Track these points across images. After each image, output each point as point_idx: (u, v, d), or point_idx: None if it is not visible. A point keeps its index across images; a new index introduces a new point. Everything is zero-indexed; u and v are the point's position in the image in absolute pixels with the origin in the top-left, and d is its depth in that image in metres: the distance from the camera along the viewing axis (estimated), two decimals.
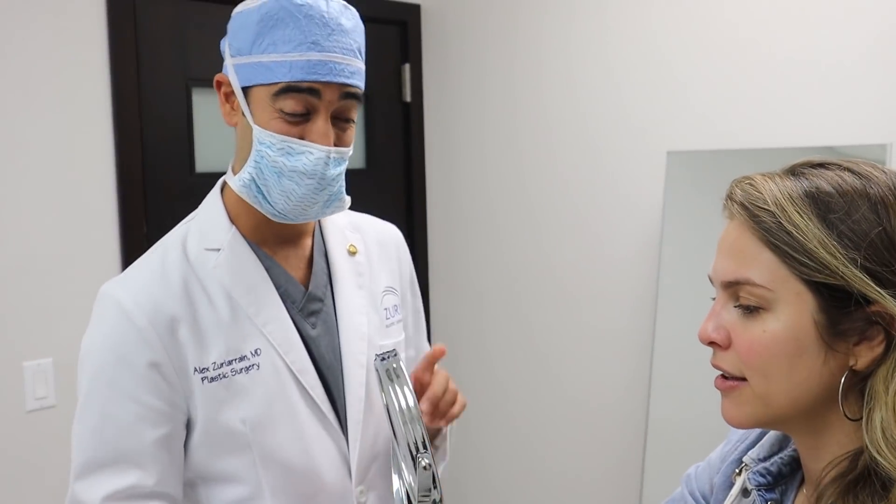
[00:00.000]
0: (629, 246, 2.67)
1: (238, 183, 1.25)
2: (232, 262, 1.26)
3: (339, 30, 1.20)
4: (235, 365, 1.24)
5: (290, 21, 1.17)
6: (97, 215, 2.39)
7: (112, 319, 1.22)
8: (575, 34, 2.76)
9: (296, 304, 1.31)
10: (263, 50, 1.18)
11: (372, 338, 1.36)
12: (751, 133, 2.36)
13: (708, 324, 0.86)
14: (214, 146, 2.67)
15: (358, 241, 1.43)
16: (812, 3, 2.23)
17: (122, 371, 1.20)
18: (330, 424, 1.30)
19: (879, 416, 0.76)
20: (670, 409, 2.48)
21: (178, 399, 1.22)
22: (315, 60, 1.17)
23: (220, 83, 1.29)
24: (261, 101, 1.20)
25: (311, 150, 1.19)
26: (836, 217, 0.78)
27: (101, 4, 2.37)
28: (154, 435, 1.20)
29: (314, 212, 1.26)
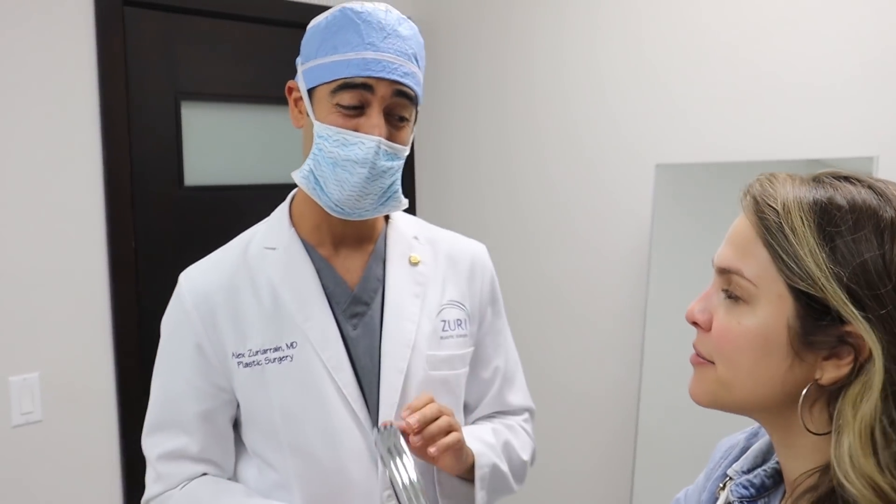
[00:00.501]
0: (618, 257, 2.68)
1: (299, 175, 1.34)
2: (284, 260, 1.36)
3: (395, 34, 1.30)
4: (269, 354, 1.33)
5: (350, 27, 1.27)
6: (85, 229, 2.38)
7: (174, 302, 1.38)
8: (565, 47, 2.78)
9: (340, 305, 1.37)
10: (326, 53, 1.28)
11: (419, 345, 1.39)
12: (739, 146, 2.37)
13: (696, 304, 0.88)
14: (203, 160, 2.66)
15: (425, 252, 1.47)
16: (800, 18, 2.24)
17: (175, 348, 1.36)
18: (361, 424, 1.33)
19: (847, 441, 0.76)
20: (660, 419, 2.48)
21: (220, 380, 1.34)
22: (370, 59, 1.26)
23: (291, 89, 1.38)
24: (322, 99, 1.30)
25: (362, 141, 1.27)
26: (836, 231, 0.77)
27: (89, 17, 2.37)
28: (197, 408, 1.34)
29: (368, 204, 1.31)
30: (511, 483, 1.49)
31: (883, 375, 0.75)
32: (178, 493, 1.36)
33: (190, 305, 1.34)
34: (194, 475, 1.37)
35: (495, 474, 1.42)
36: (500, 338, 1.58)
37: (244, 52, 2.74)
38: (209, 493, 1.35)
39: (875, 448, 0.75)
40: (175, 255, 2.58)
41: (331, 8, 1.31)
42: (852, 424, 0.76)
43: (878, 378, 0.75)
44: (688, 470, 2.45)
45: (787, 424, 0.84)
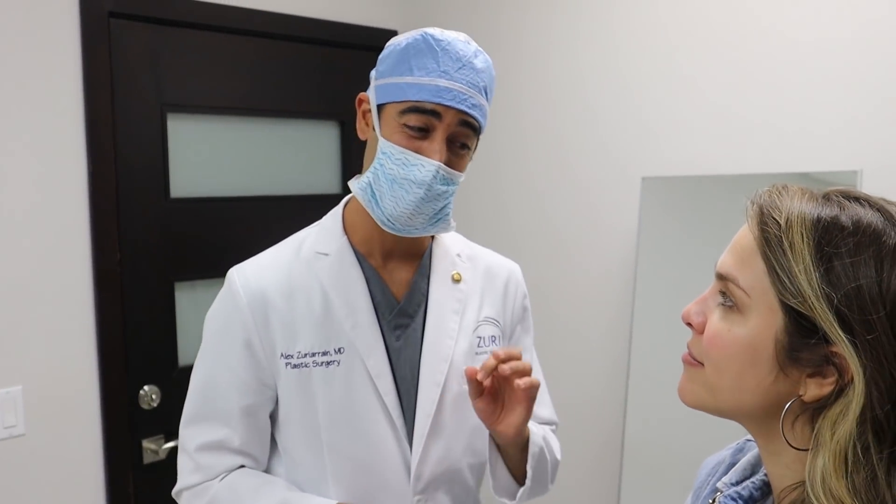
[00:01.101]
0: (605, 270, 2.68)
1: (357, 185, 1.39)
2: (336, 267, 1.41)
3: (470, 66, 1.34)
4: (318, 358, 1.37)
5: (428, 52, 1.32)
6: (70, 240, 2.37)
7: (224, 296, 1.41)
8: (552, 60, 2.79)
9: (386, 316, 1.42)
10: (401, 73, 1.33)
11: (456, 361, 1.44)
12: (725, 159, 2.38)
13: (693, 306, 0.89)
14: (189, 172, 2.65)
15: (466, 269, 1.52)
16: (786, 32, 2.26)
17: (225, 342, 1.39)
18: (397, 431, 1.39)
19: (822, 461, 0.76)
20: (646, 430, 2.49)
21: (266, 377, 1.38)
22: (442, 86, 1.30)
23: (361, 101, 1.43)
24: (390, 116, 1.34)
25: (423, 164, 1.31)
26: (835, 252, 0.77)
27: (75, 29, 2.36)
28: (241, 402, 1.38)
29: (419, 223, 1.36)
30: (548, 477, 1.55)
31: (862, 400, 0.75)
32: (219, 483, 1.39)
33: (243, 302, 1.37)
34: (233, 467, 1.41)
35: (542, 457, 1.48)
36: (527, 354, 1.63)
37: (230, 64, 2.74)
38: (250, 486, 1.39)
39: (847, 471, 0.75)
40: (160, 268, 2.57)
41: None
42: (828, 445, 0.76)
43: (857, 402, 0.75)
44: (674, 481, 2.47)
45: (772, 434, 0.84)
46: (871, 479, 0.74)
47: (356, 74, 3.09)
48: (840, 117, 2.18)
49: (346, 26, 3.01)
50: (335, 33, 2.95)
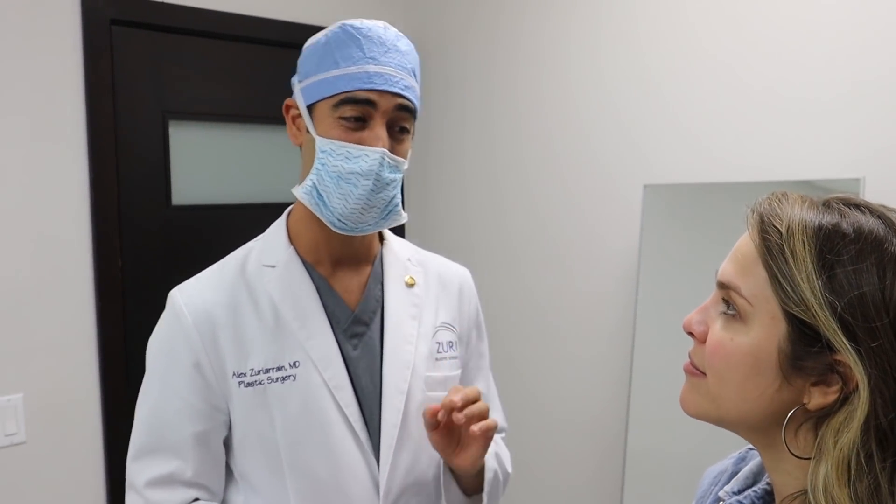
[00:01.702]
0: (606, 278, 2.68)
1: (301, 191, 1.33)
2: (284, 278, 1.35)
3: (395, 49, 1.32)
4: (272, 374, 1.31)
5: (351, 42, 1.30)
6: (71, 248, 2.37)
7: (167, 319, 1.34)
8: (554, 67, 2.79)
9: (340, 325, 1.36)
10: (327, 68, 1.30)
11: (417, 367, 1.40)
12: (727, 167, 2.38)
13: (694, 315, 0.88)
14: (191, 179, 2.65)
15: (419, 274, 1.48)
16: (788, 40, 2.26)
17: (171, 367, 1.31)
18: (362, 444, 1.33)
19: (824, 469, 0.76)
20: (648, 441, 2.48)
21: (218, 400, 1.31)
22: (372, 72, 1.28)
23: (289, 107, 1.38)
24: (323, 113, 1.30)
25: (366, 153, 1.28)
26: (837, 260, 0.76)
27: (77, 36, 2.36)
28: (192, 430, 1.30)
29: (371, 218, 1.32)
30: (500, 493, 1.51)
31: (867, 408, 0.74)
32: None
33: (188, 322, 1.30)
34: (186, 501, 1.32)
35: (496, 481, 1.45)
36: (482, 360, 1.60)
37: (232, 71, 2.74)
38: None
39: (850, 479, 0.74)
40: (162, 275, 2.57)
41: (326, 28, 1.34)
42: (831, 453, 0.76)
43: (861, 410, 0.75)
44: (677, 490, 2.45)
45: (774, 443, 0.84)
46: (874, 487, 0.74)
47: None
48: (843, 125, 2.17)
49: None
50: None
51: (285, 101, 1.39)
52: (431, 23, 3.15)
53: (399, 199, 1.36)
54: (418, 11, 3.18)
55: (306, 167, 1.35)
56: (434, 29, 3.14)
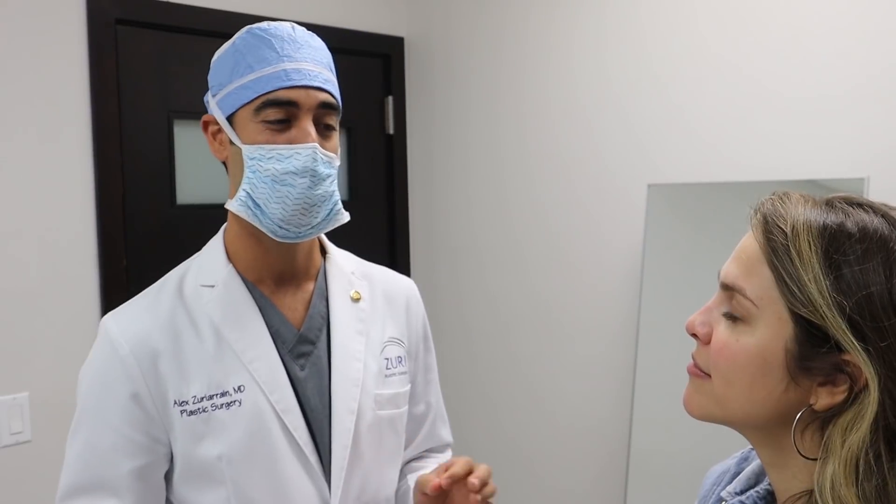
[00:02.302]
0: (611, 277, 2.67)
1: (235, 203, 1.27)
2: (224, 298, 1.28)
3: (308, 45, 1.29)
4: (216, 400, 1.24)
5: (263, 44, 1.26)
6: (76, 247, 2.37)
7: (101, 349, 1.27)
8: (558, 67, 2.79)
9: (286, 345, 1.31)
10: (241, 74, 1.25)
11: (367, 385, 1.35)
12: (731, 166, 2.37)
13: (697, 317, 0.88)
14: (196, 179, 2.66)
15: (364, 288, 1.42)
16: (792, 40, 2.25)
17: (105, 400, 1.24)
18: (312, 468, 1.28)
19: (832, 468, 0.75)
20: (652, 440, 2.48)
21: (158, 432, 1.24)
22: (290, 69, 1.24)
23: (207, 122, 1.33)
24: (244, 120, 1.25)
25: (298, 151, 1.23)
26: (844, 260, 0.76)
27: (82, 36, 2.37)
28: (130, 466, 1.23)
29: (312, 219, 1.27)
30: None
31: (876, 407, 0.74)
32: None
33: (126, 352, 1.23)
34: None
35: None
36: (431, 374, 1.55)
37: None
38: None
39: (858, 479, 0.74)
40: None
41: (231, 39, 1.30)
42: (839, 452, 0.75)
43: (871, 410, 0.75)
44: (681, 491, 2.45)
45: (779, 444, 0.83)
46: (882, 486, 0.74)
47: (363, 81, 3.10)
48: (847, 125, 2.17)
49: (353, 33, 3.01)
50: (342, 40, 2.95)
51: (203, 119, 1.33)
52: (436, 22, 3.15)
53: (338, 197, 1.31)
54: (422, 10, 3.18)
55: (235, 181, 1.29)
56: (438, 28, 3.14)
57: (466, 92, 3.06)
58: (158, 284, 1.35)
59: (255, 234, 1.29)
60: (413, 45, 3.22)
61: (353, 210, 1.38)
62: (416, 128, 3.23)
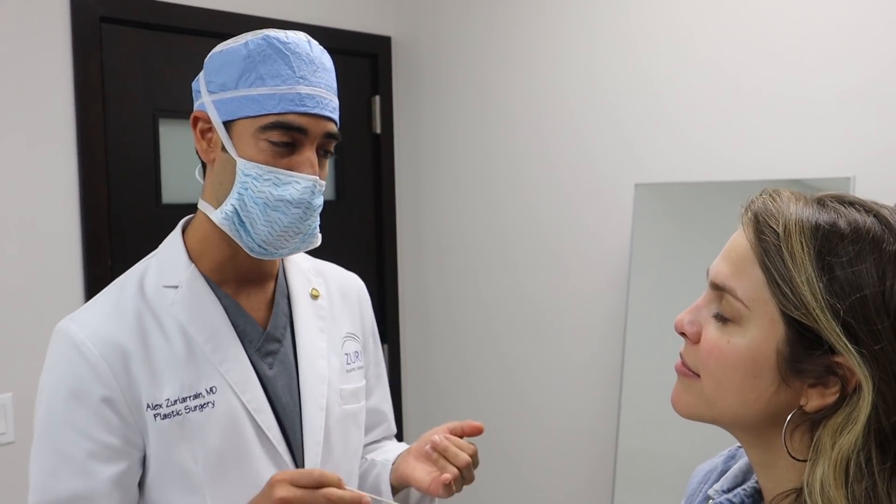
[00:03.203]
0: (598, 277, 2.68)
1: (219, 216, 1.23)
2: (189, 300, 1.26)
3: (322, 68, 1.25)
4: (190, 402, 1.22)
5: (278, 57, 1.21)
6: (60, 247, 2.35)
7: (65, 354, 1.21)
8: (543, 66, 2.79)
9: (253, 344, 1.30)
10: (251, 84, 1.21)
11: (332, 381, 1.36)
12: (719, 166, 2.38)
13: (686, 315, 0.87)
14: (181, 178, 2.64)
15: (321, 285, 1.43)
16: (780, 41, 2.26)
17: (74, 407, 1.19)
18: (286, 466, 1.28)
19: (821, 469, 0.75)
20: (639, 440, 2.48)
21: (133, 435, 1.21)
22: (304, 93, 1.21)
23: (198, 119, 1.27)
24: (245, 133, 1.21)
25: (297, 181, 1.21)
26: (837, 261, 0.75)
27: (66, 34, 2.35)
28: (108, 472, 1.19)
29: (292, 245, 1.27)
30: None
31: (869, 410, 0.74)
32: None
33: (95, 355, 1.18)
34: None
35: None
36: (380, 368, 1.56)
37: None
38: None
39: (847, 480, 0.74)
40: None
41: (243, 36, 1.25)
42: (829, 454, 0.75)
43: (865, 413, 0.74)
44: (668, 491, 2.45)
45: (767, 444, 0.83)
46: (872, 488, 0.73)
47: (351, 81, 3.09)
48: (833, 125, 2.18)
49: (340, 32, 3.01)
50: (329, 39, 2.91)
51: (193, 114, 1.28)
52: (423, 22, 3.14)
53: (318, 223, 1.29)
54: (410, 10, 3.18)
55: (222, 188, 1.25)
56: (425, 28, 3.14)
57: (454, 91, 3.06)
58: (117, 286, 1.29)
59: (227, 240, 1.27)
60: (400, 45, 3.21)
61: (339, 210, 1.37)
62: (403, 127, 3.22)
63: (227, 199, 1.23)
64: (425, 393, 3.19)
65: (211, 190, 1.28)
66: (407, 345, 3.24)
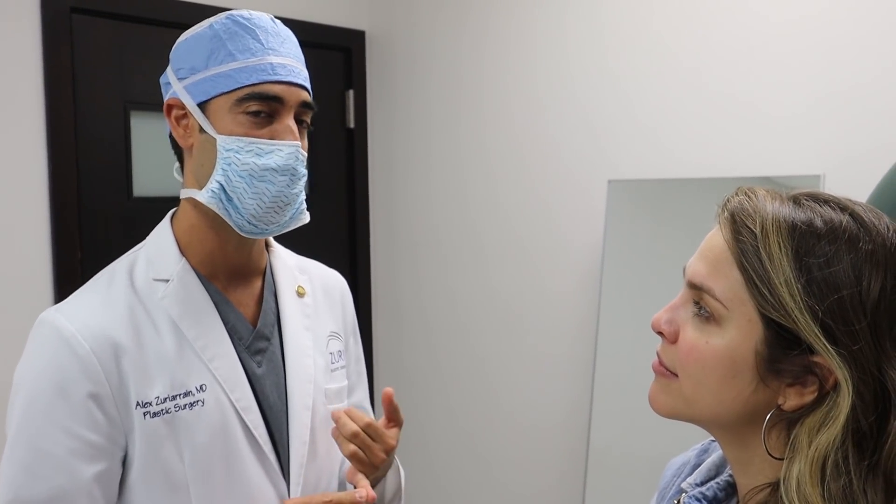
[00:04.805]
0: (570, 273, 2.69)
1: (206, 195, 1.21)
2: (180, 294, 1.23)
3: (290, 40, 1.27)
4: (180, 400, 1.19)
5: (245, 33, 1.22)
6: (29, 240, 2.32)
7: (51, 347, 1.17)
8: (517, 62, 2.79)
9: (243, 342, 1.28)
10: (221, 61, 1.21)
11: (318, 381, 1.34)
12: (691, 163, 2.40)
13: (663, 314, 0.86)
14: (153, 170, 2.62)
15: (305, 283, 1.41)
16: (754, 41, 2.28)
17: (58, 402, 1.14)
18: (271, 466, 1.26)
19: (798, 468, 0.75)
20: (611, 437, 2.49)
21: (117, 433, 1.17)
22: (276, 63, 1.21)
23: (172, 106, 1.26)
24: (221, 110, 1.21)
25: (280, 148, 1.21)
26: (814, 262, 0.76)
27: (36, 25, 2.32)
28: (91, 471, 1.15)
29: (282, 220, 1.25)
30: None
31: (848, 410, 0.74)
32: None
33: (85, 350, 1.14)
34: None
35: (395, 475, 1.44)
36: (360, 365, 1.54)
37: None
38: None
39: (824, 478, 0.74)
40: None
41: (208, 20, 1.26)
42: (805, 452, 0.76)
43: (844, 413, 0.74)
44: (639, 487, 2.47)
45: (744, 442, 0.84)
46: (848, 486, 0.74)
47: (324, 74, 3.07)
48: (804, 124, 2.20)
49: (313, 26, 2.99)
50: (303, 33, 2.88)
51: (167, 102, 1.27)
52: (397, 16, 3.14)
53: (304, 199, 1.29)
54: (384, 4, 3.17)
55: (200, 169, 1.24)
56: (399, 22, 3.13)
57: (427, 86, 3.05)
58: (105, 277, 1.26)
59: (214, 228, 1.25)
60: (374, 39, 3.20)
61: (312, 205, 1.35)
62: (376, 122, 3.21)
63: (211, 177, 1.22)
64: (396, 388, 3.17)
65: (192, 176, 1.26)
66: (379, 340, 3.24)
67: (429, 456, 3.08)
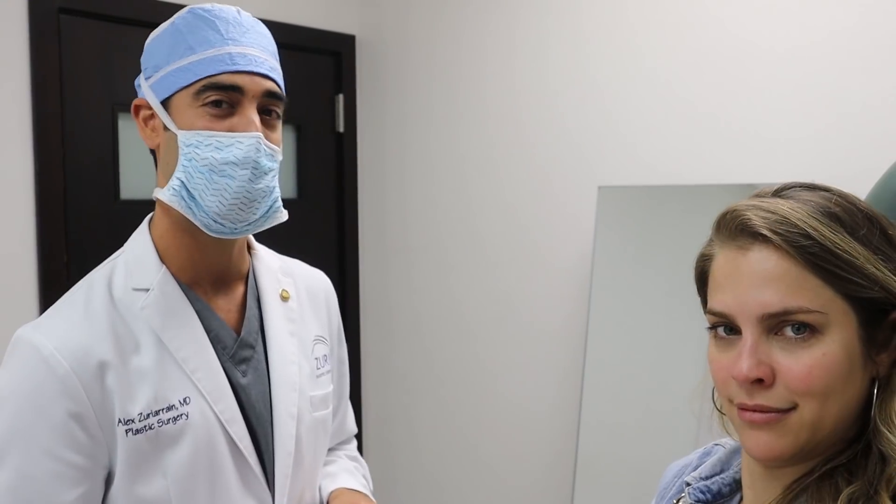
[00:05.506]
0: (560, 279, 2.69)
1: (167, 193, 1.18)
2: (161, 304, 1.19)
3: (255, 31, 1.22)
4: (163, 415, 1.16)
5: (205, 25, 1.18)
6: (14, 242, 2.31)
7: (28, 367, 1.13)
8: (511, 68, 2.79)
9: (227, 351, 1.24)
10: (181, 55, 1.18)
11: (303, 387, 1.31)
12: (680, 170, 2.40)
13: (745, 361, 0.80)
14: (140, 172, 2.60)
15: (290, 286, 1.37)
16: (740, 45, 2.29)
17: (38, 424, 1.11)
18: (256, 479, 1.23)
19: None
20: (599, 443, 2.49)
21: (100, 453, 1.14)
22: (235, 52, 1.17)
23: (139, 107, 1.26)
24: (182, 105, 1.18)
25: (240, 140, 1.16)
26: (863, 234, 0.81)
27: (23, 25, 2.31)
28: (73, 495, 1.12)
29: (251, 216, 1.20)
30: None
31: None
32: None
33: (65, 370, 1.10)
34: None
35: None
36: (344, 367, 1.51)
37: None
38: None
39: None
40: None
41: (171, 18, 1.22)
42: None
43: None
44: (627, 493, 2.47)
45: None
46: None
47: (314, 79, 3.07)
48: (790, 128, 2.21)
49: (303, 30, 2.99)
50: (293, 37, 2.92)
51: (133, 103, 1.25)
52: (388, 21, 3.13)
53: (279, 193, 1.24)
54: (374, 8, 3.17)
55: (167, 170, 1.21)
56: (390, 27, 3.13)
57: (418, 91, 3.05)
58: (83, 289, 1.22)
59: (189, 230, 1.21)
60: (364, 44, 3.19)
61: (301, 209, 1.32)
62: (366, 126, 3.21)
63: (173, 174, 1.19)
64: (384, 392, 3.18)
65: (162, 176, 1.23)
66: (367, 344, 3.23)
67: (418, 460, 3.07)
